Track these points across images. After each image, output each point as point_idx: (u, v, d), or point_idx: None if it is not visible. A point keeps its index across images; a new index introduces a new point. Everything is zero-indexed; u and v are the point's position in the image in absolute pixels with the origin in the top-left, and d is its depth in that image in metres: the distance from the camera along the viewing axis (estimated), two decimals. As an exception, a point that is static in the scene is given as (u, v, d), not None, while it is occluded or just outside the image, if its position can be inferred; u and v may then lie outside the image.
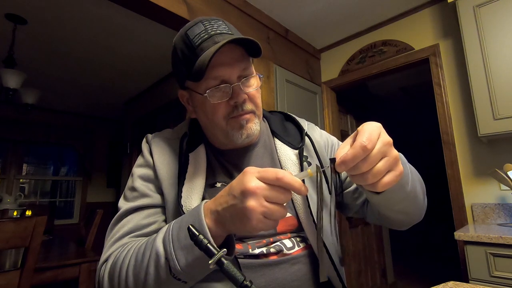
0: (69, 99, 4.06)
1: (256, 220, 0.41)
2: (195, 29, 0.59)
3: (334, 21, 2.37)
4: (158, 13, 1.65)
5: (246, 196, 0.41)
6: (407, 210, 0.58)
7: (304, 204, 0.61)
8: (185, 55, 0.59)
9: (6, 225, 1.19)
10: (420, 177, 0.61)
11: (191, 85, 0.62)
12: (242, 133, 0.60)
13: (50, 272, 1.54)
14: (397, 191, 0.50)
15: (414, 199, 0.56)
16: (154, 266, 0.47)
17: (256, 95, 0.63)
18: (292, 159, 0.66)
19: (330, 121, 2.66)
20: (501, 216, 1.72)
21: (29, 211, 2.73)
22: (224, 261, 0.39)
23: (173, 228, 0.49)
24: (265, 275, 0.55)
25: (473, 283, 1.00)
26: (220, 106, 0.59)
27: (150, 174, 0.63)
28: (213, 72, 0.56)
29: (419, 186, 0.58)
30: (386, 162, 0.42)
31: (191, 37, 0.58)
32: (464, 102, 1.94)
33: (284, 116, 0.79)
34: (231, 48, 0.57)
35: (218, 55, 0.54)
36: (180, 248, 0.46)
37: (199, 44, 0.57)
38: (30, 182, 4.29)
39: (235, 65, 0.58)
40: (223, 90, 0.58)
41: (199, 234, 0.41)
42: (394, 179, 0.43)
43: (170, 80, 3.35)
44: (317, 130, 0.77)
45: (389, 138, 0.44)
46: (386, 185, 0.43)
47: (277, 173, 0.41)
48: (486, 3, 1.64)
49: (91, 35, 2.52)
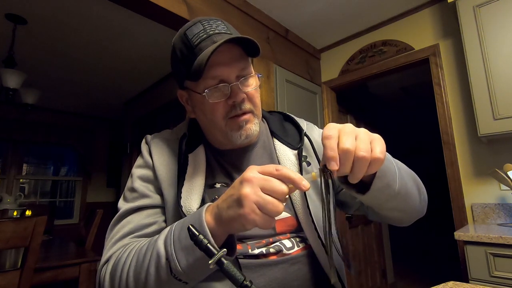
0: (69, 99, 4.06)
1: (249, 208, 0.40)
2: (194, 29, 0.59)
3: (334, 21, 2.37)
4: (158, 13, 1.65)
5: (242, 184, 0.42)
6: (401, 208, 0.57)
7: (303, 204, 0.61)
8: (184, 55, 0.59)
9: (6, 225, 1.19)
10: (413, 173, 0.61)
11: (190, 85, 0.62)
12: (241, 134, 0.61)
13: (50, 272, 1.54)
14: (383, 190, 0.50)
15: (406, 196, 0.55)
16: (155, 266, 0.47)
17: (255, 94, 0.63)
18: (291, 159, 0.66)
19: (330, 121, 2.66)
20: (501, 216, 1.72)
21: (29, 211, 2.73)
22: (224, 261, 0.39)
23: (175, 229, 0.49)
24: (264, 275, 0.55)
25: (473, 283, 1.00)
26: (219, 106, 0.59)
27: (150, 175, 0.63)
28: (211, 72, 0.57)
29: (411, 183, 0.57)
30: (363, 135, 0.43)
31: (189, 37, 0.58)
32: (464, 102, 1.94)
33: (283, 116, 0.79)
34: (230, 47, 0.57)
35: (217, 54, 0.55)
36: (181, 249, 0.46)
37: (198, 44, 0.57)
38: (30, 182, 4.29)
39: (234, 65, 0.58)
40: (222, 89, 0.58)
41: (199, 234, 0.41)
42: (382, 150, 0.43)
43: (170, 80, 3.35)
44: (316, 130, 0.77)
45: (349, 125, 0.44)
46: (380, 161, 0.43)
47: (276, 166, 0.42)
48: (486, 3, 1.64)
49: (91, 35, 2.52)
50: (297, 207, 0.62)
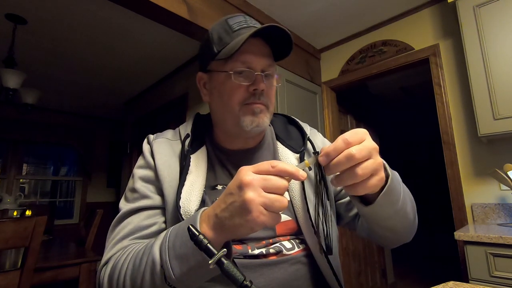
0: (69, 99, 4.06)
1: (257, 211, 0.40)
2: (236, 18, 0.64)
3: (334, 21, 2.37)
4: (158, 13, 1.65)
5: (243, 189, 0.40)
6: (395, 228, 0.58)
7: (304, 208, 0.61)
8: (221, 37, 0.62)
9: (6, 225, 1.19)
10: (413, 198, 0.62)
11: (216, 66, 0.63)
12: (253, 121, 0.61)
13: (50, 272, 1.54)
14: (386, 206, 0.51)
15: (403, 218, 0.57)
16: (150, 273, 0.47)
17: (272, 93, 0.65)
18: (293, 162, 0.67)
19: (330, 121, 2.66)
20: (501, 216, 1.72)
21: (29, 211, 2.72)
22: (224, 261, 0.39)
23: (170, 235, 0.48)
24: (264, 275, 0.55)
25: (473, 283, 1.00)
26: (240, 90, 0.60)
27: (151, 175, 0.63)
28: (242, 57, 0.59)
29: (410, 207, 0.59)
30: (371, 164, 0.43)
31: (230, 23, 0.62)
32: (464, 102, 1.94)
33: (288, 119, 0.79)
34: (263, 44, 0.62)
35: (250, 44, 0.59)
36: (175, 257, 0.45)
37: (237, 30, 0.61)
38: (30, 182, 4.29)
39: (263, 58, 0.61)
40: (247, 74, 0.60)
41: (199, 234, 0.41)
42: (376, 183, 0.44)
43: (170, 80, 3.35)
44: (319, 137, 0.78)
45: (374, 143, 0.44)
46: (367, 188, 0.44)
47: (270, 162, 0.42)
48: (486, 3, 1.64)
49: (91, 35, 2.52)
50: (297, 210, 0.62)
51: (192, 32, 1.87)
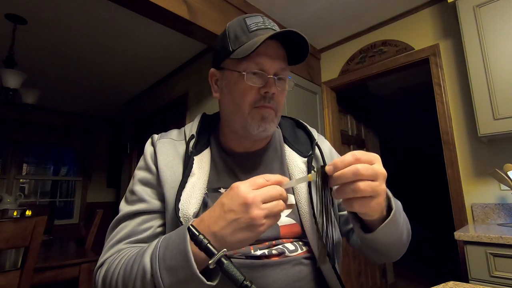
0: (69, 99, 4.06)
1: (264, 225, 0.43)
2: (254, 18, 0.63)
3: (334, 21, 2.37)
4: (158, 13, 1.65)
5: (249, 207, 0.43)
6: (387, 252, 0.61)
7: (310, 213, 0.61)
8: (237, 36, 0.61)
9: (6, 225, 1.18)
10: (409, 227, 0.63)
11: (229, 65, 0.62)
12: (260, 125, 0.61)
13: (50, 272, 1.54)
14: (385, 237, 0.54)
15: (398, 245, 0.60)
16: (140, 281, 0.47)
17: (282, 98, 0.65)
18: (300, 166, 0.67)
19: (330, 121, 2.66)
20: (501, 216, 1.72)
21: (29, 211, 2.72)
22: (224, 261, 0.39)
23: (161, 245, 0.48)
24: (266, 275, 0.55)
25: (473, 283, 1.00)
26: (251, 92, 0.60)
27: (150, 178, 0.63)
28: (257, 58, 0.59)
29: (405, 235, 0.60)
30: (375, 185, 0.44)
31: (248, 23, 0.62)
32: (464, 102, 1.94)
33: (295, 122, 0.79)
34: (279, 47, 0.62)
35: (266, 46, 0.59)
36: (165, 268, 0.45)
37: (254, 30, 0.61)
38: (30, 182, 4.29)
39: (277, 61, 0.61)
40: (260, 76, 0.60)
41: (199, 234, 0.41)
42: (373, 206, 0.45)
43: (170, 80, 3.35)
44: (327, 143, 0.78)
45: (383, 170, 0.45)
46: (363, 206, 0.45)
47: (264, 176, 0.46)
48: (486, 3, 1.64)
49: (91, 35, 2.52)
50: (302, 215, 0.62)
51: (192, 32, 1.87)
